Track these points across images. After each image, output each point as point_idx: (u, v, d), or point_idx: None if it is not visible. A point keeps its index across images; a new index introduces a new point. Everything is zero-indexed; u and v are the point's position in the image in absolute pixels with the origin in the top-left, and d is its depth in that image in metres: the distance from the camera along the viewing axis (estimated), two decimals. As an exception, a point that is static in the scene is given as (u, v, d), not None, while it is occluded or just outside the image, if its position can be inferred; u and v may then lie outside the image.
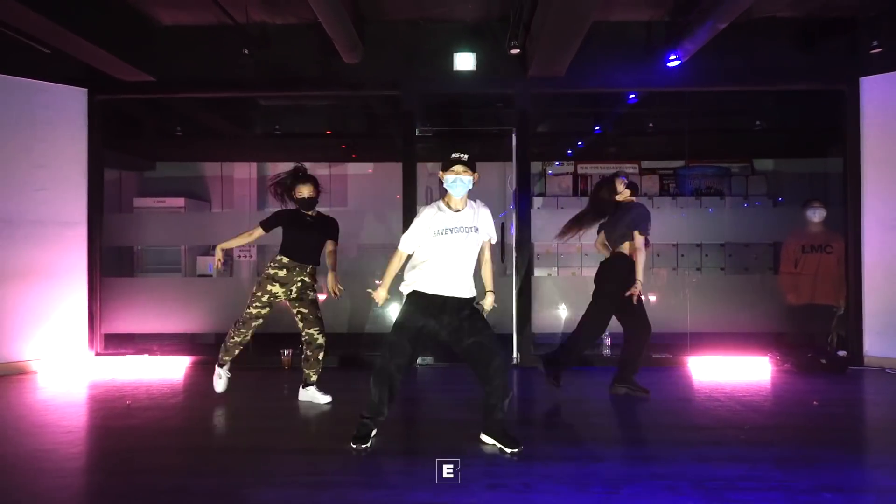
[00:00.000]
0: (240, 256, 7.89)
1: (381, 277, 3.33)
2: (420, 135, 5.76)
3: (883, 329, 5.32)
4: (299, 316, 4.12)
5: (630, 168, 8.09)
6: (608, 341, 5.51)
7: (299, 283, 4.07)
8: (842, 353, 5.40)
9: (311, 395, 4.18)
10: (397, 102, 5.66)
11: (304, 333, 4.16)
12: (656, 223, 4.47)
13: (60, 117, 5.44)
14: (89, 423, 3.88)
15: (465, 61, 5.49)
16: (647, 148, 8.27)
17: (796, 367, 5.14)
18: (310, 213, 4.15)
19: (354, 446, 3.09)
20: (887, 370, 5.18)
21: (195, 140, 8.34)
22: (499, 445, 3.11)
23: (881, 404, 4.36)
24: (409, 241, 3.19)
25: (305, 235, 4.10)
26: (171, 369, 5.34)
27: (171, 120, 7.74)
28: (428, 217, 3.14)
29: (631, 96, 6.25)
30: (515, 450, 3.04)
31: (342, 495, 2.60)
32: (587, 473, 2.79)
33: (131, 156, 8.15)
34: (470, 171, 3.09)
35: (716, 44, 5.04)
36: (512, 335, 5.58)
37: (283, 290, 4.06)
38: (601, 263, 4.44)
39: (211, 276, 7.44)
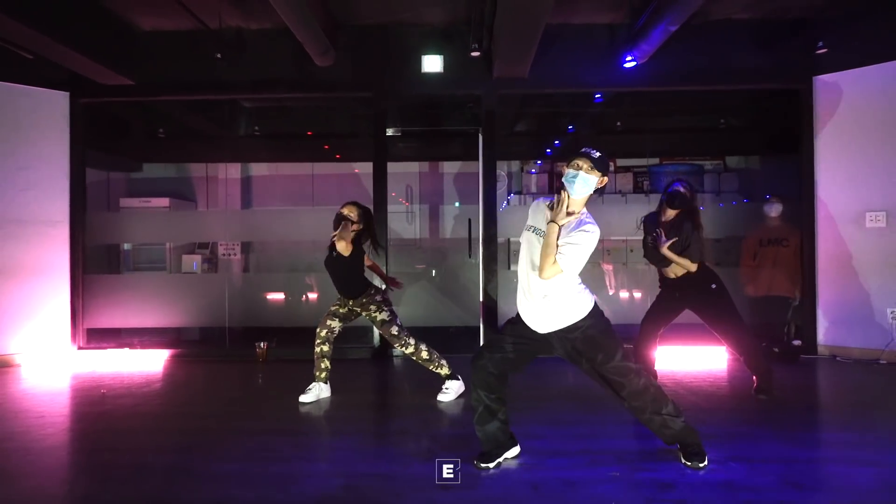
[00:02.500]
0: (223, 255, 8.11)
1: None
2: (391, 135, 5.95)
3: (835, 319, 5.52)
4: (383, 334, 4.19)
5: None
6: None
7: (353, 313, 4.19)
8: (796, 342, 5.62)
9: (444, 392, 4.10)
10: (369, 103, 5.86)
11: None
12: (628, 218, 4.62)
13: (43, 120, 5.65)
14: (62, 410, 4.09)
15: (432, 63, 5.70)
16: (622, 147, 8.46)
17: (751, 356, 5.33)
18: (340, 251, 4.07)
19: (476, 463, 2.76)
20: (838, 358, 5.38)
21: (181, 141, 8.55)
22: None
23: (820, 388, 4.58)
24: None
25: (331, 271, 4.18)
26: (151, 362, 5.55)
27: (156, 122, 7.95)
28: (532, 209, 2.79)
29: (597, 96, 6.45)
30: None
31: (290, 468, 2.80)
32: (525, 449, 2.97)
33: (118, 157, 8.35)
34: (597, 172, 2.61)
35: (677, 45, 5.25)
36: (479, 327, 5.80)
37: (342, 320, 4.19)
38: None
39: (196, 273, 7.65)
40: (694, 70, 5.69)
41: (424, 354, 4.07)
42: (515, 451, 2.88)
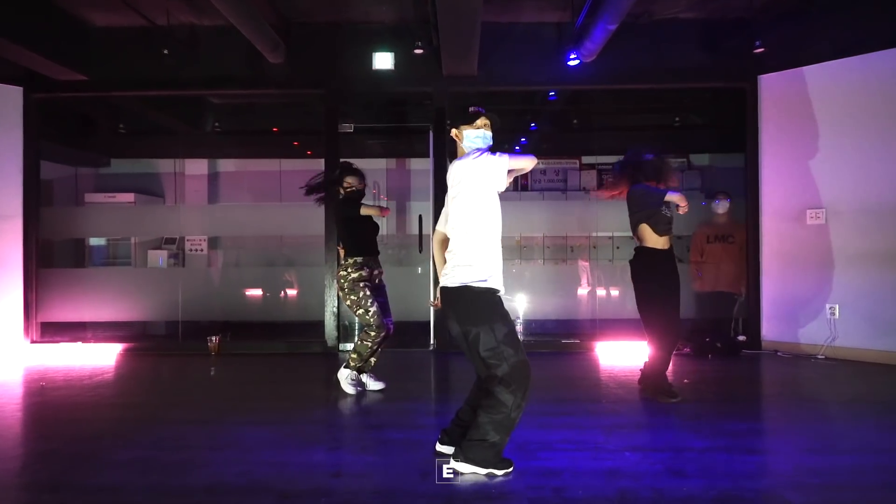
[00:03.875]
0: (191, 250, 8.17)
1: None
2: (341, 131, 6.00)
3: (779, 315, 5.60)
4: (376, 306, 4.02)
5: (572, 164, 8.37)
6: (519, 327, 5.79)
7: (378, 275, 4.16)
8: (741, 337, 5.71)
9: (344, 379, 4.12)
10: (321, 100, 5.92)
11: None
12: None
13: (-4, 115, 5.70)
14: (2, 401, 4.14)
15: (383, 61, 5.75)
16: (583, 144, 8.52)
17: (693, 351, 5.42)
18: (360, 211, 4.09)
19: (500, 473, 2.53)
20: (779, 353, 5.46)
21: (149, 138, 8.59)
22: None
23: (750, 381, 4.65)
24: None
25: (365, 226, 4.13)
26: (103, 356, 5.60)
27: (120, 118, 7.99)
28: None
29: (551, 94, 6.52)
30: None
31: (195, 455, 2.87)
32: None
33: (86, 153, 8.39)
34: (489, 128, 2.71)
35: (623, 44, 5.32)
36: (430, 322, 5.87)
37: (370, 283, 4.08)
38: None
39: (161, 268, 7.69)
40: (641, 69, 5.76)
41: (369, 342, 3.99)
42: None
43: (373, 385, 4.13)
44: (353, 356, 4.04)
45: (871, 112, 5.10)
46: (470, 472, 2.50)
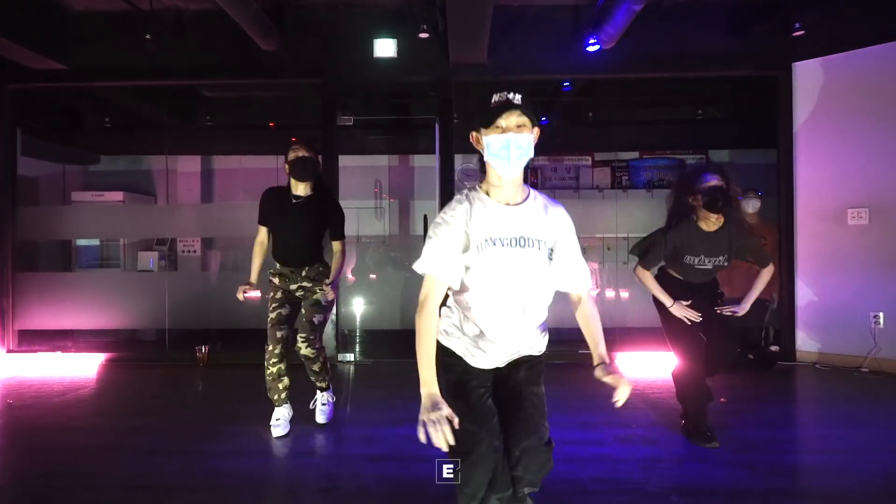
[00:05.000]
0: (183, 252, 7.75)
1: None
2: (340, 124, 5.57)
3: (815, 323, 5.15)
4: (300, 318, 3.37)
5: (584, 161, 7.94)
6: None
7: (300, 292, 3.38)
8: (774, 347, 5.26)
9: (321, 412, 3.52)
10: (318, 90, 5.50)
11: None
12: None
13: (-33, 107, 5.29)
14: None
15: (385, 48, 5.31)
16: (599, 140, 8.10)
17: (723, 363, 4.96)
18: (299, 192, 3.34)
19: None
20: (817, 365, 5.01)
21: (139, 133, 8.18)
22: None
23: (784, 400, 4.20)
24: (432, 263, 1.74)
25: (290, 226, 3.34)
26: (82, 367, 5.19)
27: (108, 111, 7.58)
28: (460, 216, 1.75)
29: (565, 84, 6.08)
30: None
31: (144, 459, 2.45)
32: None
33: (73, 149, 8.00)
34: (529, 125, 1.75)
35: (645, 29, 4.89)
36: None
37: (292, 298, 3.40)
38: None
39: (152, 271, 7.28)
40: (663, 55, 5.32)
41: (317, 367, 3.37)
42: None
43: (275, 427, 3.28)
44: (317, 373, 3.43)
45: (921, 101, 4.65)
46: None
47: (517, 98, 1.73)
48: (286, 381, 3.29)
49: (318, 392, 3.51)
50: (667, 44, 5.30)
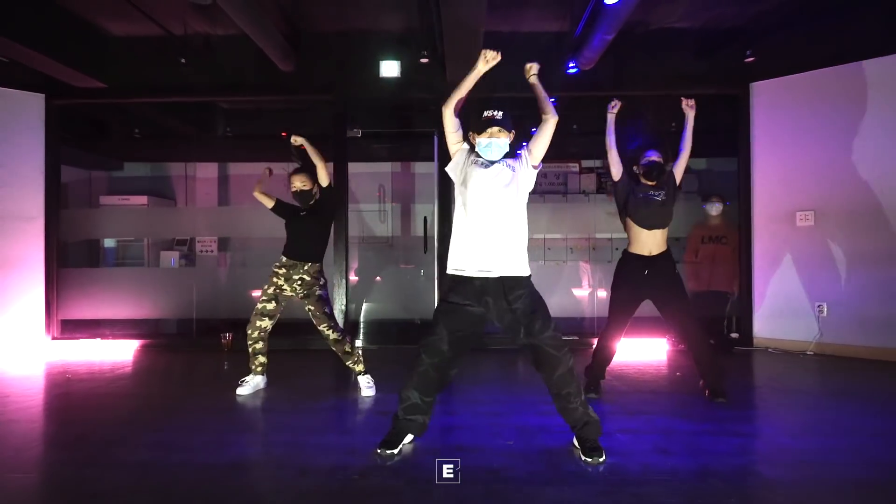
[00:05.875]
0: (201, 251, 8.43)
1: None
2: (350, 136, 6.24)
3: (770, 313, 5.81)
4: (310, 314, 4.07)
5: (572, 168, 8.61)
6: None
7: (299, 281, 4.05)
8: (734, 334, 5.92)
9: (367, 388, 4.09)
10: (330, 106, 6.17)
11: (320, 331, 4.10)
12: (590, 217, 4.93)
13: (19, 121, 5.95)
14: (28, 392, 4.38)
15: (390, 69, 5.99)
16: (585, 148, 8.75)
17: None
18: (304, 208, 4.14)
19: (379, 451, 2.73)
20: (770, 350, 5.68)
21: (160, 141, 8.84)
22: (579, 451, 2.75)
23: (737, 376, 4.84)
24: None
25: (299, 230, 4.11)
26: (121, 352, 5.84)
27: (134, 123, 8.24)
28: (464, 151, 2.87)
29: (551, 100, 6.73)
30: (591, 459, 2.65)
31: (218, 439, 3.10)
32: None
33: (100, 156, 8.66)
34: (506, 132, 2.80)
35: (620, 52, 5.55)
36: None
37: (288, 285, 4.08)
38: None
39: (173, 268, 7.94)
40: (637, 76, 5.99)
41: (347, 347, 4.07)
42: (411, 436, 2.86)
43: (241, 386, 4.06)
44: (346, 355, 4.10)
45: (854, 119, 5.32)
46: None
47: (499, 115, 2.82)
48: (261, 359, 4.13)
49: (359, 377, 4.11)
50: (639, 65, 5.97)
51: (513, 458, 2.74)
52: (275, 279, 4.08)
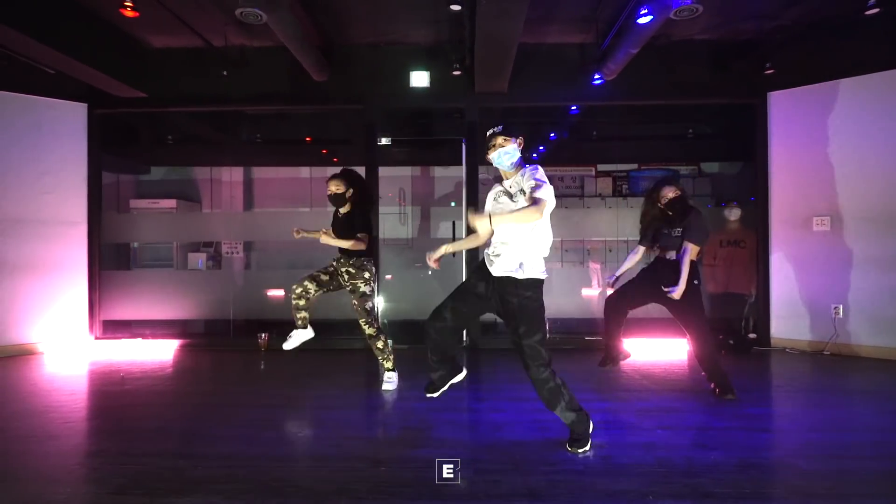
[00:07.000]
0: (227, 253, 8.65)
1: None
2: (381, 144, 6.47)
3: (787, 314, 6.05)
4: (353, 307, 4.30)
5: (589, 172, 8.84)
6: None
7: (345, 274, 4.31)
8: (752, 335, 6.15)
9: (387, 382, 4.39)
10: (361, 115, 6.40)
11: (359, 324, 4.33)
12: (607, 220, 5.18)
13: (63, 129, 6.19)
14: (90, 389, 4.63)
15: (420, 79, 6.23)
16: (602, 153, 8.99)
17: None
18: (340, 209, 4.42)
19: (427, 394, 3.25)
20: (787, 350, 5.91)
21: (188, 146, 9.08)
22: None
23: (759, 375, 5.09)
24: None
25: (337, 231, 4.32)
26: (161, 351, 6.08)
27: (165, 129, 8.47)
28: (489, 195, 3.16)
29: (573, 108, 6.98)
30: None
31: (287, 433, 3.34)
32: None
33: (128, 160, 8.89)
34: (510, 139, 2.98)
35: (642, 63, 5.75)
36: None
37: (338, 275, 4.35)
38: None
39: (201, 270, 8.19)
40: (656, 86, 6.22)
41: (380, 344, 4.34)
42: (461, 376, 3.26)
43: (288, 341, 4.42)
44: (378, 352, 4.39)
45: (867, 128, 5.55)
46: None
47: (499, 128, 3.00)
48: (304, 313, 4.34)
49: (386, 373, 4.38)
50: (659, 76, 6.20)
51: (566, 452, 2.98)
52: (333, 264, 4.38)
